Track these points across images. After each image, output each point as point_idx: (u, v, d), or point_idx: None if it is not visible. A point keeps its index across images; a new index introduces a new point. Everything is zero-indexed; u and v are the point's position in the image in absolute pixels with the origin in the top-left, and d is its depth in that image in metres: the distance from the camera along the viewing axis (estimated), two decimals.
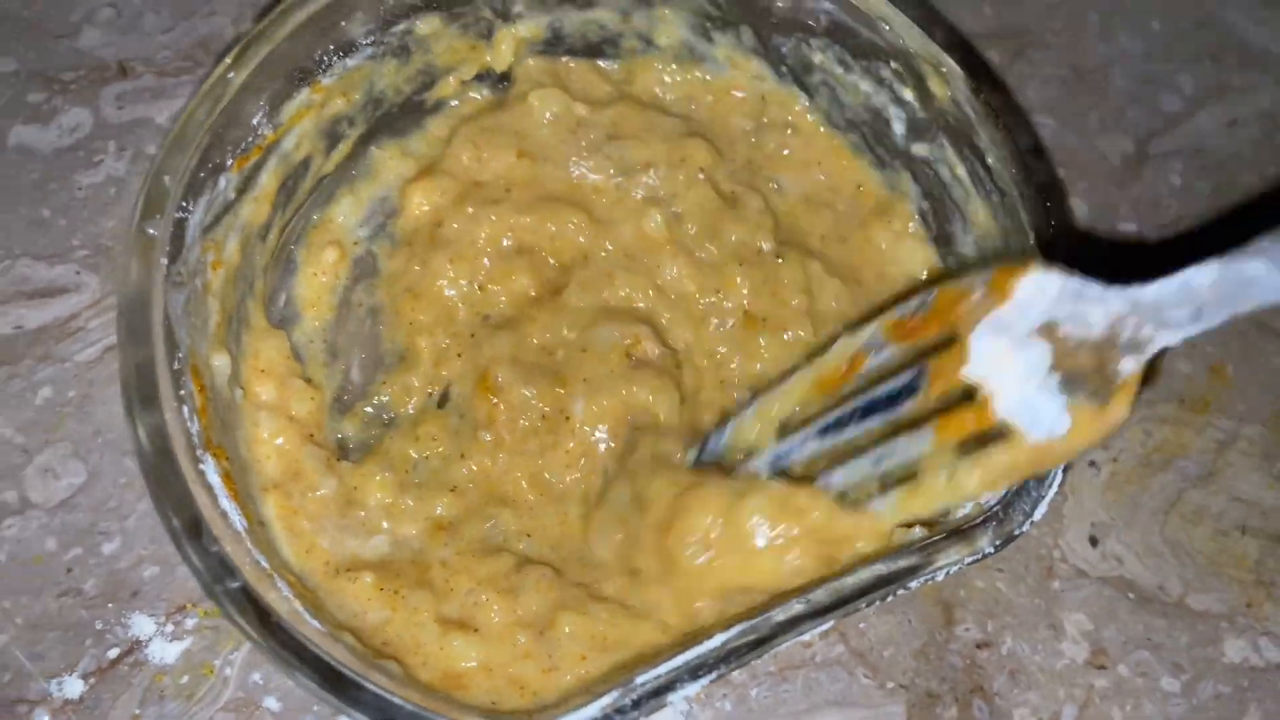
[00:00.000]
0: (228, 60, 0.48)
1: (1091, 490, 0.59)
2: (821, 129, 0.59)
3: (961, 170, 0.52)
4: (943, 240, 0.56)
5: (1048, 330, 0.39)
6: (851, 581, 0.43)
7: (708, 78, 0.60)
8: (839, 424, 0.46)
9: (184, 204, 0.46)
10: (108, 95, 0.63)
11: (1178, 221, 0.65)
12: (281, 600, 0.43)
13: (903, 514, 0.44)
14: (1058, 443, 0.39)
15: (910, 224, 0.57)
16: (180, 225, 0.46)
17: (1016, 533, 0.44)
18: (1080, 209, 0.65)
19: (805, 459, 0.47)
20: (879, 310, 0.50)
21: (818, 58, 0.56)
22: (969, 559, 0.43)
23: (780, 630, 0.42)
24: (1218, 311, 0.35)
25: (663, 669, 0.41)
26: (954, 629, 0.55)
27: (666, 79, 0.60)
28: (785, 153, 0.59)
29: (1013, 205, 0.49)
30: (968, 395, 0.41)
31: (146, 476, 0.42)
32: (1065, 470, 0.44)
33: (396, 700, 0.40)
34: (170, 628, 0.52)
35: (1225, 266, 0.34)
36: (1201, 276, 0.35)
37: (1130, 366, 0.37)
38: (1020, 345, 0.39)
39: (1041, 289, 0.39)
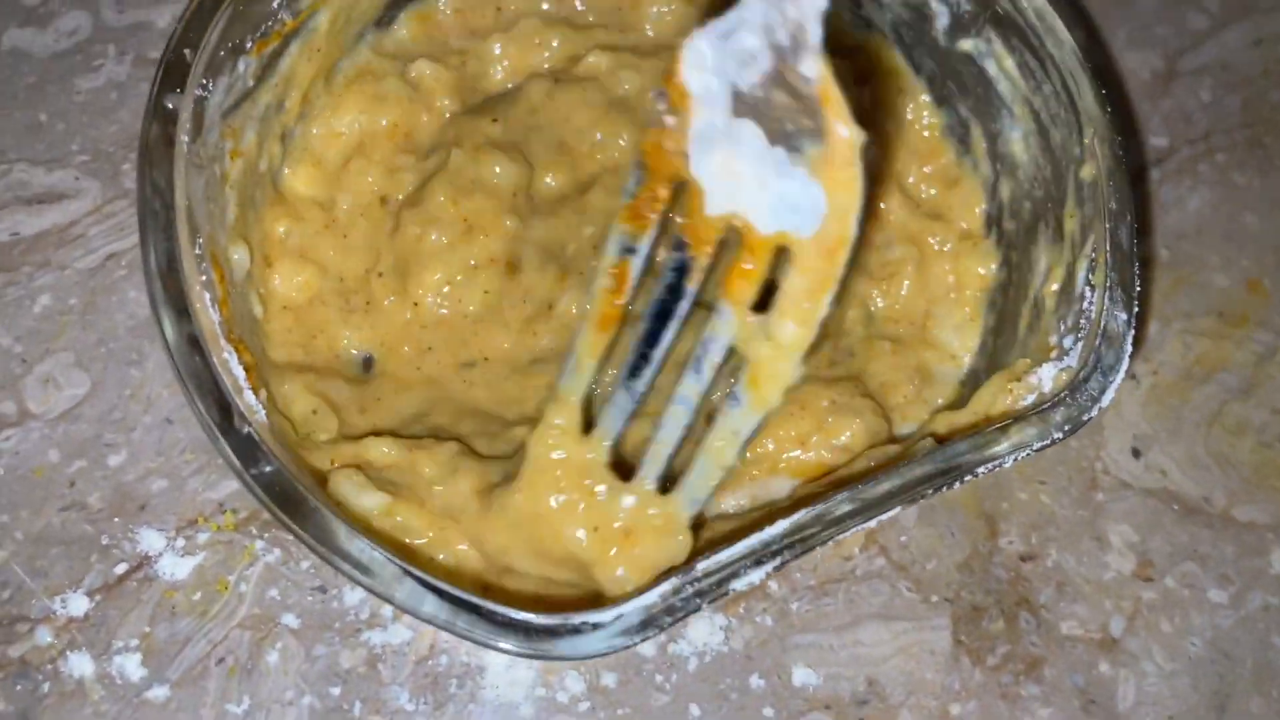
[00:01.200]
0: None
1: (1132, 402, 0.57)
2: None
3: (1010, 63, 0.50)
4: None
5: (740, 102, 0.34)
6: (919, 468, 0.41)
7: None
8: (642, 356, 0.42)
9: (204, 82, 0.44)
10: None
11: (1208, 136, 0.64)
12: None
13: (760, 407, 0.40)
14: (829, 219, 0.34)
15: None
16: (200, 104, 0.43)
17: (1085, 419, 0.42)
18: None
19: (629, 409, 0.43)
20: None
21: None
22: (1038, 444, 0.42)
23: (846, 517, 0.40)
24: None
25: (724, 555, 0.39)
26: (997, 541, 0.53)
27: None
28: None
29: (1070, 93, 0.47)
30: (735, 241, 0.37)
31: (175, 364, 0.40)
32: (1130, 356, 0.43)
33: (443, 586, 0.38)
34: (181, 543, 0.50)
35: None
36: None
37: (810, 71, 0.31)
38: (729, 139, 0.34)
39: (699, 57, 0.34)
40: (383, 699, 0.48)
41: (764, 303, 0.38)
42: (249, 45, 0.46)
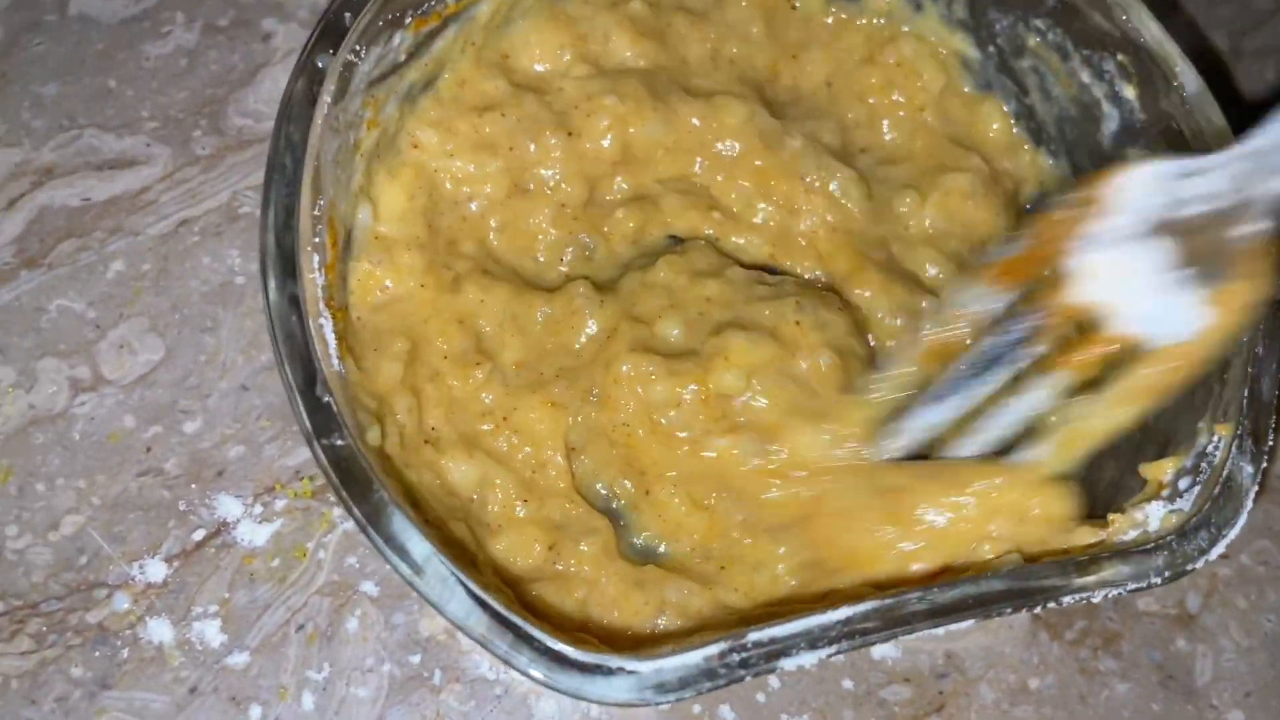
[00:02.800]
0: None
1: None
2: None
3: None
4: None
5: (1163, 226, 0.37)
6: (998, 584, 0.39)
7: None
8: (960, 388, 0.44)
9: (357, 48, 0.43)
10: None
11: None
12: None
13: (1062, 459, 0.42)
14: (1198, 340, 0.38)
15: None
16: (349, 69, 0.43)
17: (1188, 568, 0.40)
18: None
19: (930, 431, 0.45)
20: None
21: (1033, 40, 0.52)
22: (1132, 585, 0.39)
23: (912, 618, 0.38)
24: None
25: (779, 630, 0.37)
26: None
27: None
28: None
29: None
30: (1091, 326, 0.40)
31: (271, 320, 0.39)
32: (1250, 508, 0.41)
33: (488, 600, 0.37)
34: (259, 509, 0.49)
35: None
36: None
37: (1252, 229, 0.35)
38: (1133, 251, 0.37)
39: (1134, 184, 0.37)
40: (462, 667, 0.47)
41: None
42: (408, 20, 0.46)
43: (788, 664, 0.37)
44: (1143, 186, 0.37)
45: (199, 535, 0.49)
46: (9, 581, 0.47)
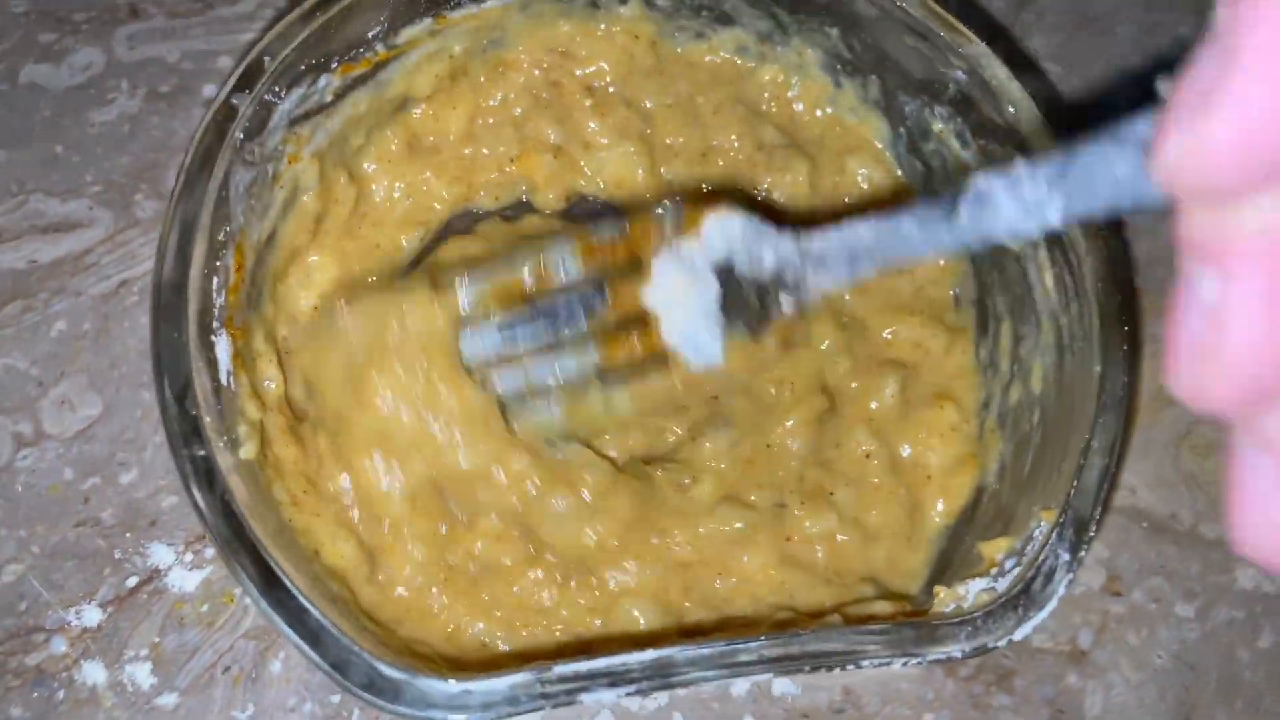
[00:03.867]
0: None
1: None
2: None
3: (1049, 276, 0.49)
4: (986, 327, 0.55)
5: (723, 269, 0.42)
6: (792, 646, 0.40)
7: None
8: (515, 327, 0.47)
9: (276, 89, 0.46)
10: (120, 35, 0.63)
11: None
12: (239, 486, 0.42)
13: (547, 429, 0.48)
14: (709, 371, 0.45)
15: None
16: (266, 107, 0.46)
17: (990, 646, 0.41)
18: None
19: (480, 353, 0.48)
20: None
21: (937, 126, 0.54)
22: (931, 656, 0.41)
23: (711, 665, 0.40)
24: (870, 263, 0.38)
25: (581, 666, 0.39)
26: None
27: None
28: None
29: (1089, 316, 0.46)
30: (640, 320, 0.44)
31: (153, 322, 0.43)
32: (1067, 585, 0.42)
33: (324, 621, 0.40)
34: (189, 557, 0.52)
35: (878, 225, 0.36)
36: (861, 232, 0.37)
37: (785, 308, 0.41)
38: (695, 279, 0.43)
39: (726, 228, 0.42)
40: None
41: None
42: (334, 65, 0.49)
43: (588, 698, 0.39)
44: (727, 230, 0.42)
45: (132, 581, 0.51)
46: None
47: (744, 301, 0.42)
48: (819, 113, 0.58)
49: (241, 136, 0.45)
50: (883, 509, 0.53)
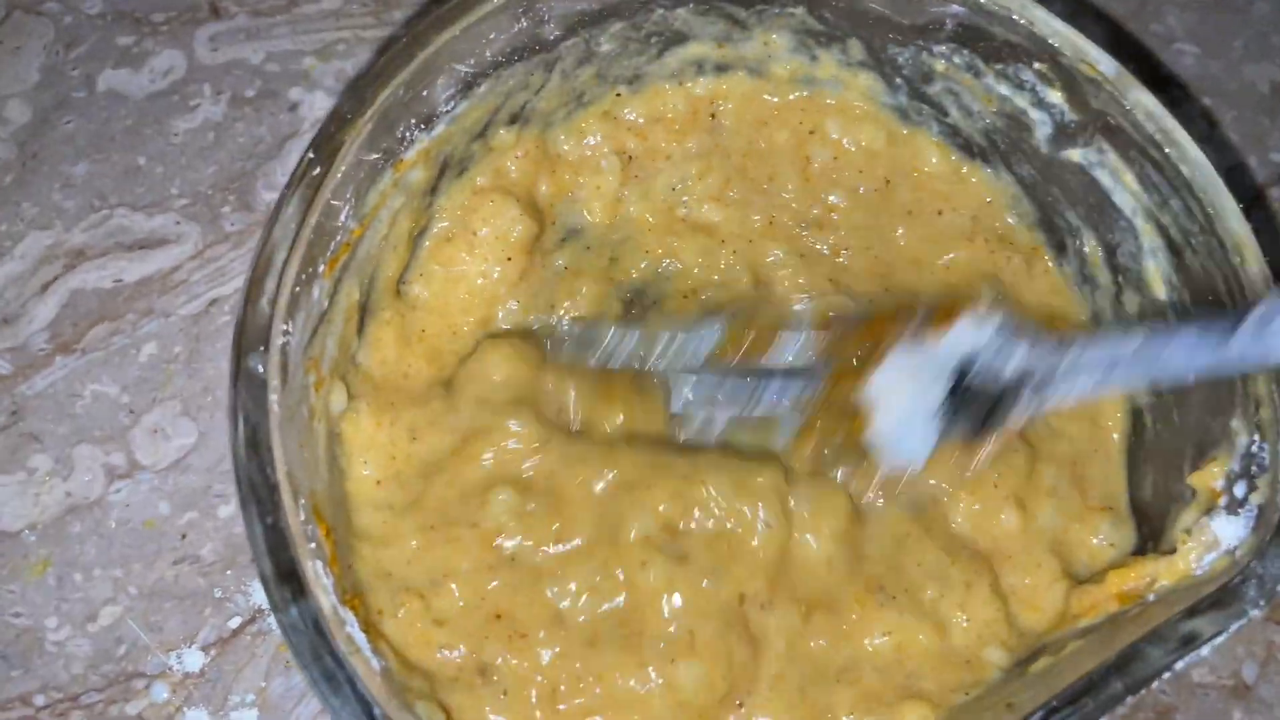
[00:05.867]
0: (313, 158, 0.42)
1: None
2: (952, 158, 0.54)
3: (1130, 176, 0.46)
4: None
5: (958, 372, 0.40)
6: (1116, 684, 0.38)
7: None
8: (725, 380, 0.46)
9: (286, 328, 0.40)
10: (201, 37, 0.60)
11: None
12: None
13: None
14: (908, 473, 0.43)
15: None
16: (284, 351, 0.40)
17: None
18: (1229, 139, 0.62)
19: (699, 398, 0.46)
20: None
21: (940, 65, 0.51)
22: (1235, 624, 0.37)
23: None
24: (1126, 376, 0.36)
25: None
26: None
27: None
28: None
29: (1203, 206, 0.43)
30: (851, 412, 0.43)
31: (297, 653, 0.37)
32: None
33: None
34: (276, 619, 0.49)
35: (1148, 338, 0.35)
36: (1128, 343, 0.36)
37: (1011, 422, 0.39)
38: (925, 376, 0.41)
39: (973, 330, 0.40)
40: None
41: None
42: (321, 268, 0.42)
43: None
44: (974, 334, 0.40)
45: (235, 623, 0.49)
46: (50, 674, 0.48)
47: (969, 407, 0.40)
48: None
49: (275, 399, 0.39)
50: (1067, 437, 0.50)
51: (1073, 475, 0.48)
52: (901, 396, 0.41)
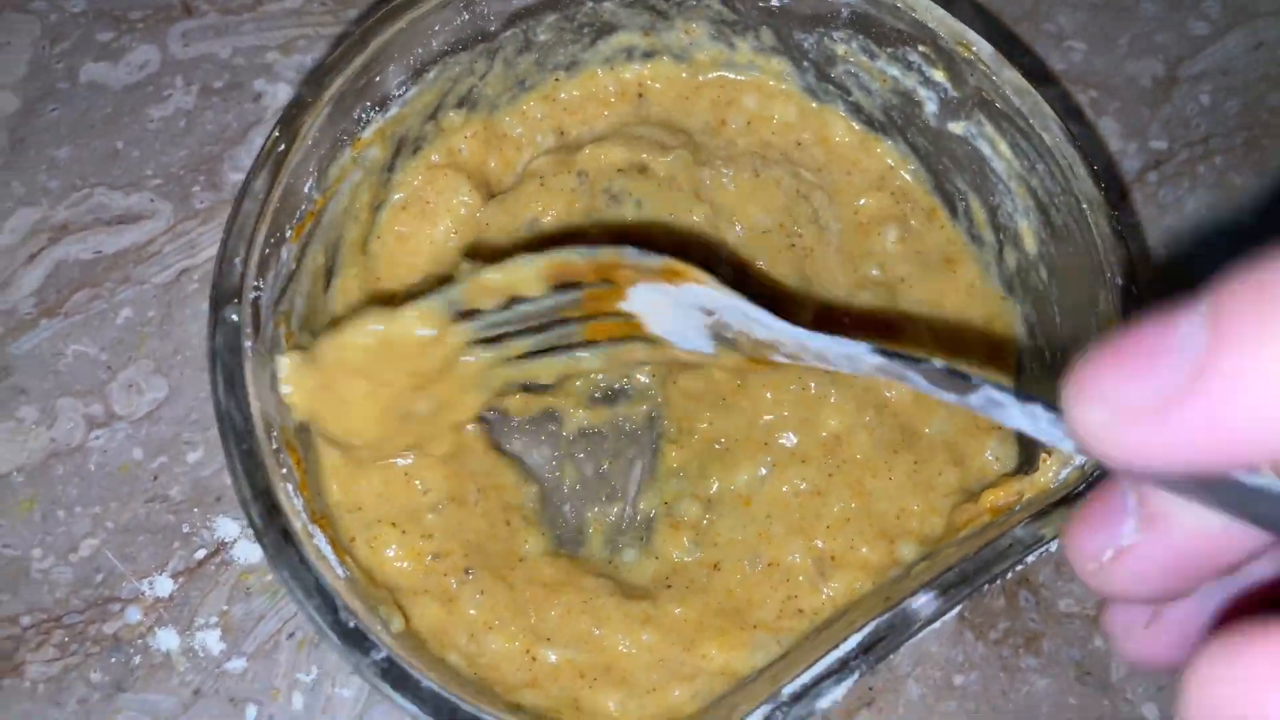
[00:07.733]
0: (278, 136, 0.47)
1: None
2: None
3: (1004, 145, 0.52)
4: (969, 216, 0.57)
5: (709, 315, 0.41)
6: (975, 561, 0.42)
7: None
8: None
9: (257, 284, 0.45)
10: (174, 33, 0.66)
11: (1207, 140, 0.67)
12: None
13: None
14: (702, 357, 0.43)
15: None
16: (255, 305, 0.45)
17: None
18: (1112, 128, 0.67)
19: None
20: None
21: (840, 49, 0.56)
22: None
23: (931, 614, 0.41)
24: (870, 374, 0.35)
25: (807, 677, 0.40)
26: None
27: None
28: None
29: (1063, 170, 0.49)
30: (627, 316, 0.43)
31: (273, 563, 0.41)
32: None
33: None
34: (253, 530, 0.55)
35: (889, 364, 0.34)
36: (868, 357, 0.35)
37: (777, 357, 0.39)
38: (679, 308, 0.41)
39: (708, 296, 0.41)
40: None
41: None
42: (288, 234, 0.47)
43: (823, 703, 0.40)
44: (709, 297, 0.41)
45: (201, 554, 0.54)
46: (35, 598, 0.53)
47: (728, 341, 0.42)
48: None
49: (250, 345, 0.43)
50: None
51: None
52: (665, 311, 0.42)
